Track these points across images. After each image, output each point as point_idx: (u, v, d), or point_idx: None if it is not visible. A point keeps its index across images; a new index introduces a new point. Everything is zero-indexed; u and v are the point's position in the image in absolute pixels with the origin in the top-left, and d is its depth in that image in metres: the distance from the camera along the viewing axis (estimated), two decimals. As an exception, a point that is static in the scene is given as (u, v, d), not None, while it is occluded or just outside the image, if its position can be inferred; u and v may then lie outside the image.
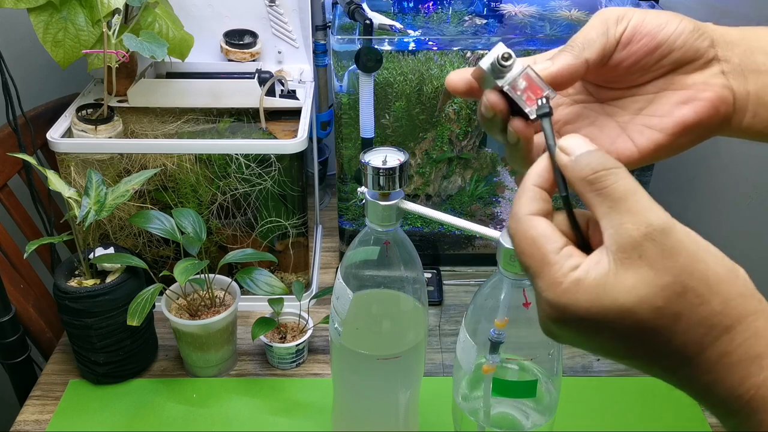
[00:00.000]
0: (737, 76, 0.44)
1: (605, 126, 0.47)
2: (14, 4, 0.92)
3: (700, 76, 0.45)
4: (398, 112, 1.04)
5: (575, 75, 0.43)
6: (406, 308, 0.71)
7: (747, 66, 0.44)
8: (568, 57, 0.43)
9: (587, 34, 0.44)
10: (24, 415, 0.90)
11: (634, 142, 0.46)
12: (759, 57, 0.44)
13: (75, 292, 0.86)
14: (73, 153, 0.96)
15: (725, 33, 0.45)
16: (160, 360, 0.97)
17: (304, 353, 0.97)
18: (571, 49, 0.44)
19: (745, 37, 0.45)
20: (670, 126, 0.45)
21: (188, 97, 1.04)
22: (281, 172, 0.97)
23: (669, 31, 0.44)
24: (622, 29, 0.44)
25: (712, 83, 0.44)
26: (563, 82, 0.43)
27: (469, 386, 0.74)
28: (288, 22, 1.11)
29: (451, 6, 1.19)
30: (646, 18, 0.44)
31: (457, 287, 1.13)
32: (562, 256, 0.37)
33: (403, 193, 0.64)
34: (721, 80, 0.44)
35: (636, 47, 0.44)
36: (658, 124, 0.45)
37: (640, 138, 0.46)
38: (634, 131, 0.46)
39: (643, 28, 0.44)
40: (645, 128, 0.46)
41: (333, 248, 1.23)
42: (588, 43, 0.44)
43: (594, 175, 0.37)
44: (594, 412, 0.89)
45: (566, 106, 0.49)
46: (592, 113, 0.48)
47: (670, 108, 0.45)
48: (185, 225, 0.90)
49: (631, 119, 0.47)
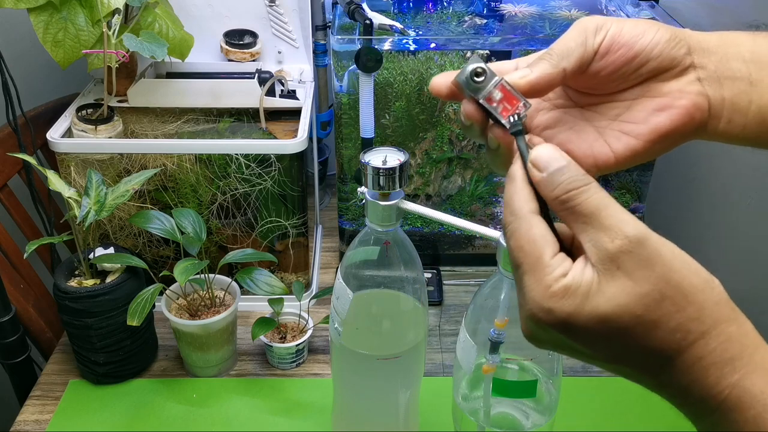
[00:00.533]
0: (713, 82, 0.46)
1: (583, 131, 0.49)
2: (14, 4, 0.92)
3: (677, 83, 0.46)
4: (398, 112, 1.04)
5: (552, 83, 0.45)
6: (406, 308, 0.71)
7: (722, 73, 0.46)
8: (546, 66, 0.44)
9: (566, 43, 0.45)
10: (24, 415, 0.90)
11: (611, 147, 0.47)
12: (734, 64, 0.46)
13: (75, 292, 0.86)
14: (73, 153, 0.96)
15: (702, 40, 0.46)
16: (160, 360, 0.97)
17: (304, 353, 0.97)
18: (550, 58, 0.44)
19: (723, 43, 0.46)
20: (646, 133, 0.46)
21: (188, 97, 1.04)
22: (281, 172, 0.97)
23: (646, 41, 0.45)
24: (600, 39, 0.45)
25: (687, 91, 0.46)
26: (541, 90, 0.45)
27: (469, 386, 0.74)
28: (288, 22, 1.11)
29: (451, 6, 1.19)
30: (624, 28, 0.45)
31: (457, 287, 1.13)
32: (556, 260, 0.39)
33: (403, 193, 0.64)
34: (697, 87, 0.46)
35: (614, 57, 0.45)
36: (634, 131, 0.47)
37: (617, 144, 0.47)
38: (611, 137, 0.47)
39: (621, 38, 0.45)
40: (622, 134, 0.47)
41: (333, 248, 1.23)
42: (566, 52, 0.44)
43: (566, 195, 0.39)
44: (594, 412, 0.89)
45: (546, 111, 0.49)
46: (571, 118, 0.49)
47: (646, 115, 0.47)
48: (185, 225, 0.90)
49: (608, 124, 0.48)
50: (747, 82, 0.45)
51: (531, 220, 0.40)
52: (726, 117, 0.46)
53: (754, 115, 0.46)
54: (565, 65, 0.44)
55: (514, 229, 0.40)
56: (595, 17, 0.46)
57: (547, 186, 0.40)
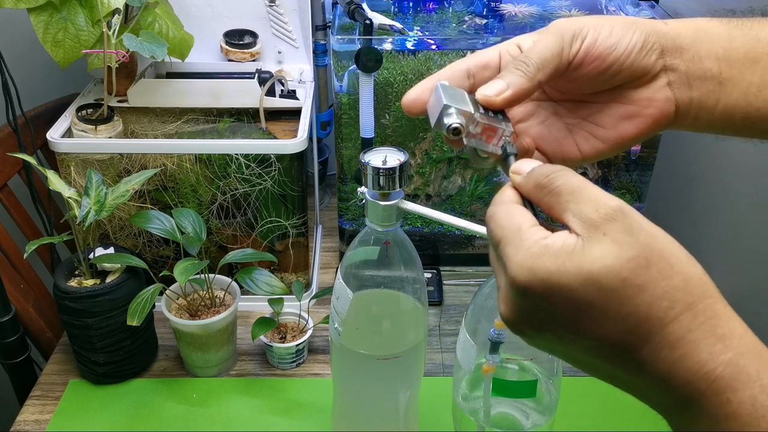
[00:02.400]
0: (681, 85, 0.47)
1: (553, 127, 0.51)
2: (14, 4, 0.92)
3: (646, 91, 0.47)
4: (398, 112, 1.04)
5: (527, 95, 0.46)
6: (406, 308, 0.71)
7: (693, 73, 0.47)
8: (522, 81, 0.45)
9: (543, 52, 0.45)
10: (24, 415, 0.90)
11: (578, 147, 0.50)
12: (706, 63, 0.46)
13: (75, 292, 0.86)
14: (73, 153, 0.96)
15: (678, 36, 0.47)
16: (160, 360, 0.97)
17: (304, 353, 0.97)
18: (526, 69, 0.45)
19: (697, 39, 0.47)
20: (613, 138, 0.49)
21: (188, 97, 1.04)
22: (281, 172, 0.97)
23: (619, 53, 0.46)
24: (576, 49, 0.46)
25: (656, 98, 0.47)
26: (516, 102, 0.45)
27: (469, 386, 0.74)
28: (288, 22, 1.11)
29: (451, 6, 1.19)
30: (599, 37, 0.46)
31: (457, 287, 1.13)
32: (534, 229, 0.39)
33: (403, 193, 0.64)
34: (666, 93, 0.47)
35: (587, 69, 0.46)
36: (602, 135, 0.49)
37: (584, 145, 0.50)
38: (579, 137, 0.50)
39: (595, 50, 0.46)
40: (590, 136, 0.50)
41: (333, 248, 1.23)
42: (543, 63, 0.45)
43: (546, 179, 0.39)
44: (594, 412, 0.89)
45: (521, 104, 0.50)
46: (543, 112, 0.51)
47: (614, 122, 0.49)
48: (185, 225, 0.90)
49: (578, 123, 0.50)
50: (716, 82, 0.46)
51: (510, 205, 0.41)
52: (692, 115, 0.48)
53: (720, 113, 0.47)
54: (540, 78, 0.45)
55: (493, 212, 0.41)
56: (572, 20, 0.46)
57: (528, 180, 0.41)
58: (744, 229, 1.60)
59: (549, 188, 0.39)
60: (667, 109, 0.47)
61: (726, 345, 0.35)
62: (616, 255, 0.35)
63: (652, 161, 1.10)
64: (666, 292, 0.35)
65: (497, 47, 0.49)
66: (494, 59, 0.48)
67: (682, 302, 0.35)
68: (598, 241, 0.36)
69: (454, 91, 0.45)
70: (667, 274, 0.35)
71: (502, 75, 0.45)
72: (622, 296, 0.35)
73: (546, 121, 0.51)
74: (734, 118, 0.47)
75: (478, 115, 0.44)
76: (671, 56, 0.46)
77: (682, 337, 0.35)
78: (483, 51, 0.49)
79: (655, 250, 0.36)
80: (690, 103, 0.47)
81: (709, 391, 0.34)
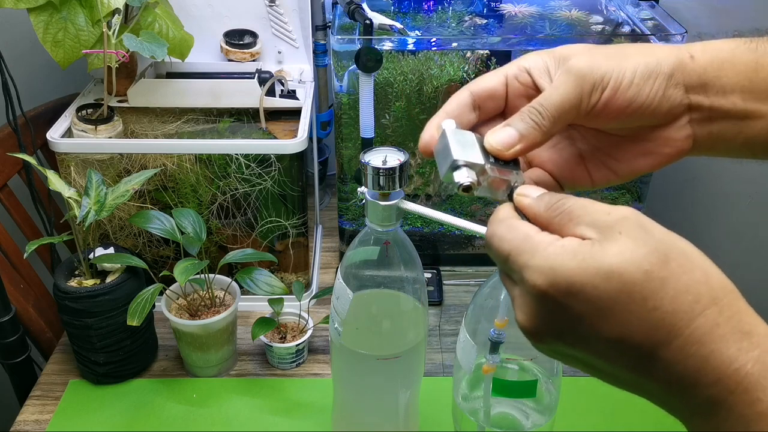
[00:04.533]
0: (703, 122, 0.45)
1: (565, 151, 0.49)
2: (14, 4, 0.92)
3: (666, 130, 0.46)
4: (398, 112, 1.04)
5: (539, 146, 0.44)
6: (406, 308, 0.71)
7: (717, 109, 0.45)
8: (535, 134, 0.43)
9: (560, 104, 0.43)
10: (24, 415, 0.90)
11: (590, 174, 0.49)
12: (731, 97, 0.44)
13: (75, 292, 0.86)
14: (73, 153, 0.96)
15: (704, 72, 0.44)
16: (160, 360, 0.97)
17: (304, 353, 0.97)
18: (540, 121, 0.43)
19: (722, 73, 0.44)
20: (626, 172, 0.48)
21: (188, 97, 1.04)
22: (281, 172, 0.97)
23: (639, 103, 0.44)
24: (594, 101, 0.43)
25: (675, 138, 0.46)
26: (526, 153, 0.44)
27: (469, 386, 0.74)
28: (288, 22, 1.11)
29: (451, 6, 1.19)
30: (620, 88, 0.43)
31: (457, 287, 1.13)
32: (544, 234, 0.38)
33: (403, 193, 0.64)
34: (685, 132, 0.46)
35: (606, 119, 0.45)
36: (614, 167, 0.48)
37: (596, 174, 0.49)
38: (591, 165, 0.49)
39: (615, 102, 0.43)
40: (602, 166, 0.48)
41: (333, 248, 1.23)
42: (559, 116, 0.43)
43: (557, 203, 0.39)
44: (594, 412, 0.89)
45: None
46: (557, 136, 0.49)
47: (629, 157, 0.47)
48: (185, 225, 0.90)
49: (591, 152, 0.49)
50: (740, 117, 0.44)
51: (510, 220, 0.40)
52: (709, 146, 0.46)
53: (740, 144, 0.46)
54: (554, 131, 0.44)
55: (494, 230, 0.40)
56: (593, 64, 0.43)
57: (539, 202, 0.40)
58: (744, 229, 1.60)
59: (561, 209, 0.38)
60: (685, 147, 0.46)
61: (753, 342, 0.33)
62: (634, 249, 0.35)
63: (652, 161, 1.10)
64: (689, 286, 0.34)
65: (502, 72, 0.47)
66: (500, 88, 0.47)
67: (707, 296, 0.34)
68: (615, 239, 0.35)
69: (461, 136, 0.43)
70: (688, 268, 0.35)
71: (514, 122, 0.43)
72: (646, 290, 0.34)
73: (558, 145, 0.49)
74: (755, 148, 0.46)
75: (488, 168, 0.42)
76: (695, 93, 0.44)
77: (710, 331, 0.34)
78: (487, 77, 0.47)
79: (673, 246, 0.35)
80: (709, 137, 0.45)
81: (739, 389, 0.33)
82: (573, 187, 0.50)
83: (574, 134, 0.49)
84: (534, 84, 0.46)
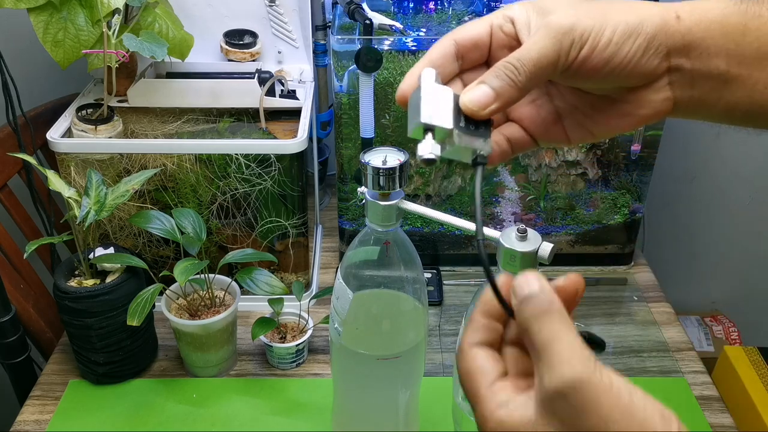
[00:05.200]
0: (684, 84, 0.44)
1: (543, 108, 0.48)
2: (14, 4, 0.92)
3: (644, 91, 0.45)
4: (398, 112, 1.04)
5: (514, 103, 0.43)
6: (406, 308, 0.71)
7: (698, 72, 0.43)
8: (512, 91, 0.42)
9: (537, 60, 0.42)
10: (24, 415, 0.90)
11: (566, 132, 0.48)
12: (715, 60, 0.43)
13: (75, 292, 0.86)
14: (73, 153, 0.96)
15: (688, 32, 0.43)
16: (160, 360, 0.97)
17: (304, 353, 0.97)
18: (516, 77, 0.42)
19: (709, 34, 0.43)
20: (602, 131, 0.48)
21: (188, 97, 1.04)
22: (281, 172, 0.97)
23: (617, 61, 0.42)
24: (572, 58, 0.42)
25: (653, 99, 0.45)
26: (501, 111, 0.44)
27: (469, 386, 0.74)
28: (288, 22, 1.11)
29: (451, 6, 1.19)
30: (597, 45, 0.42)
31: (457, 287, 1.13)
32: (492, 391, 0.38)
33: (403, 193, 0.64)
34: (665, 94, 0.45)
35: (580, 75, 0.43)
36: (591, 127, 0.47)
37: (573, 133, 0.48)
38: (568, 123, 0.48)
39: (593, 60, 0.42)
40: (579, 126, 0.48)
41: (333, 248, 1.23)
42: (536, 72, 0.42)
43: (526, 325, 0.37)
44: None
45: None
46: (536, 90, 0.48)
47: (606, 118, 0.47)
48: (185, 225, 0.90)
49: (568, 109, 0.48)
50: (722, 80, 0.43)
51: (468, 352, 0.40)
52: (690, 110, 0.46)
53: (721, 109, 0.45)
54: (530, 87, 0.43)
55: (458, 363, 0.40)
56: (572, 20, 0.42)
57: (518, 315, 0.38)
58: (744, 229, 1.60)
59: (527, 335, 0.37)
60: (663, 109, 0.45)
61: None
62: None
63: (652, 161, 1.10)
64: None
65: (487, 21, 0.45)
66: (484, 38, 0.45)
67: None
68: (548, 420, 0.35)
69: (436, 91, 0.42)
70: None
71: (489, 78, 0.42)
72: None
73: (537, 101, 0.48)
74: (735, 114, 0.45)
75: (456, 134, 0.41)
76: (677, 56, 0.43)
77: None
78: (471, 26, 0.45)
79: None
80: (690, 101, 0.45)
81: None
82: (549, 144, 0.49)
83: (552, 91, 0.48)
84: (516, 35, 0.45)
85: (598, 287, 1.14)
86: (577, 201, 1.13)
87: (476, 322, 0.40)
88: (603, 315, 1.08)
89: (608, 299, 1.11)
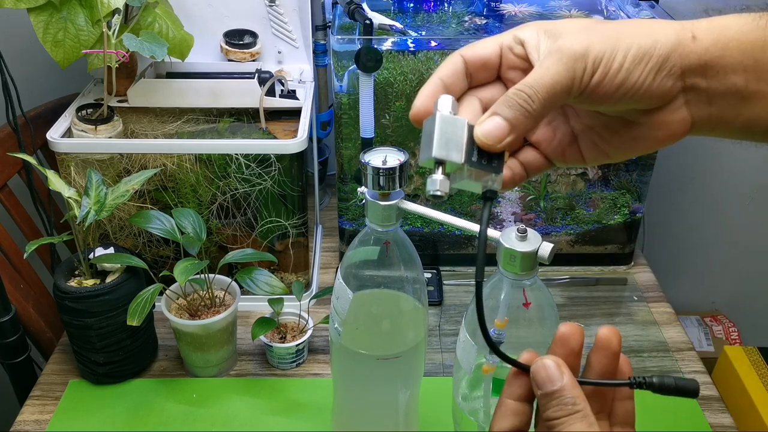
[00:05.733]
0: (700, 103, 0.43)
1: (559, 130, 0.48)
2: (14, 4, 0.92)
3: (659, 113, 0.44)
4: (398, 112, 1.04)
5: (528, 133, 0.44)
6: (406, 308, 0.71)
7: (715, 90, 0.43)
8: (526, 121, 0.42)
9: (551, 87, 0.41)
10: (24, 415, 0.90)
11: (582, 153, 0.48)
12: (733, 77, 0.42)
13: (75, 292, 0.86)
14: (73, 153, 0.96)
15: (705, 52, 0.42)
16: (160, 360, 0.97)
17: (304, 353, 0.97)
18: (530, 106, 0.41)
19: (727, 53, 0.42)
20: (618, 154, 0.47)
21: (188, 97, 1.04)
22: (281, 172, 0.97)
23: (629, 85, 0.42)
24: (585, 85, 0.42)
25: (669, 121, 0.44)
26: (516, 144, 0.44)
27: (469, 386, 0.74)
28: (288, 22, 1.11)
29: (451, 6, 1.19)
30: (609, 71, 0.41)
31: (457, 287, 1.13)
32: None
33: (403, 193, 0.64)
34: (681, 115, 0.44)
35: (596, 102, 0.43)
36: (606, 149, 0.47)
37: (588, 153, 0.48)
38: (584, 145, 0.48)
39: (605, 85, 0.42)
40: (594, 148, 0.48)
41: (333, 248, 1.23)
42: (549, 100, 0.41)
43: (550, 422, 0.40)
44: (594, 412, 0.89)
45: None
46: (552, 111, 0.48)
47: (621, 140, 0.46)
48: (185, 225, 0.90)
49: (584, 130, 0.48)
50: (739, 97, 0.43)
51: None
52: (708, 129, 0.45)
53: (740, 126, 0.44)
54: (544, 115, 0.42)
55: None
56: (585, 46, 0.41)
57: (540, 405, 0.41)
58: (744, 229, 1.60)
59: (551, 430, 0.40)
60: (680, 130, 0.44)
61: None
62: None
63: (652, 161, 1.10)
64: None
65: (497, 40, 0.45)
66: (493, 59, 0.45)
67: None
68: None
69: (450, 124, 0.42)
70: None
71: (502, 109, 0.42)
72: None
73: (553, 122, 0.48)
74: (755, 130, 0.44)
75: (466, 169, 0.41)
76: (693, 76, 0.42)
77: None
78: (481, 45, 0.45)
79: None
80: (708, 119, 0.44)
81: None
82: (564, 165, 0.49)
83: (569, 111, 0.48)
84: (527, 57, 0.45)
85: (598, 287, 1.14)
86: (577, 201, 1.13)
87: (504, 406, 0.42)
88: (603, 315, 1.08)
89: (608, 299, 1.12)
